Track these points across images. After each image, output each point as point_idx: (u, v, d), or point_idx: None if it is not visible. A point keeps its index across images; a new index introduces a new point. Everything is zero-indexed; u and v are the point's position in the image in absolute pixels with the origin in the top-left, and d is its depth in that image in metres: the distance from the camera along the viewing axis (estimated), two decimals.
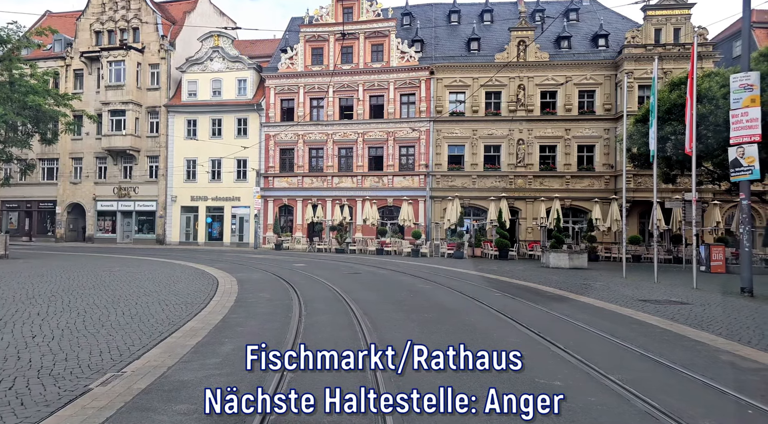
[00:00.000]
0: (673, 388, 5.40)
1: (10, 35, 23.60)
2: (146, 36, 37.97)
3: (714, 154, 19.51)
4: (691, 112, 15.00)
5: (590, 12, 34.75)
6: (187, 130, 36.73)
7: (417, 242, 29.45)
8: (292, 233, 34.40)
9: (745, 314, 10.35)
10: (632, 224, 29.61)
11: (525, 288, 14.35)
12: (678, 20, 29.52)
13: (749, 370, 6.28)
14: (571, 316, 9.64)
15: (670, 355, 6.73)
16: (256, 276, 16.17)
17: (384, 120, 33.58)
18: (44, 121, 25.61)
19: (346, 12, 34.65)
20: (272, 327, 8.28)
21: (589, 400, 4.91)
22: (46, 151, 36.46)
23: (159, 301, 10.54)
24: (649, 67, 27.57)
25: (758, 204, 27.59)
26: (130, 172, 38.13)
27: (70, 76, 38.98)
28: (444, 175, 32.37)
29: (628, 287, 14.94)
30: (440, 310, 10.24)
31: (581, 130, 31.24)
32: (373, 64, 33.88)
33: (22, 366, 5.77)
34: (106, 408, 4.54)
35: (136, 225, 38.43)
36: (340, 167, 34.41)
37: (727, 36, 34.95)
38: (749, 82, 12.67)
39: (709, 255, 20.80)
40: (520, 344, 7.13)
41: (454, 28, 36.07)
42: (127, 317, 8.77)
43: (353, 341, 7.24)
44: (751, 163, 12.70)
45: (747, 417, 4.70)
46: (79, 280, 14.11)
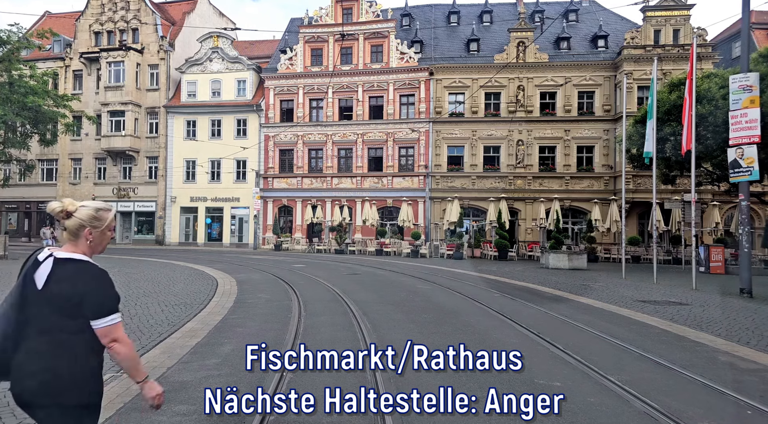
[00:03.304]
0: (673, 388, 5.40)
1: (10, 36, 23.61)
2: (145, 37, 37.98)
3: (713, 155, 19.54)
4: (690, 113, 15.01)
5: (589, 13, 34.79)
6: (186, 130, 36.74)
7: (416, 242, 29.45)
8: (291, 233, 34.40)
9: (744, 314, 10.36)
10: (631, 224, 29.63)
11: (524, 289, 14.35)
12: (677, 21, 29.56)
13: (748, 370, 6.29)
14: (571, 317, 9.64)
15: (670, 355, 6.74)
16: (255, 277, 16.17)
17: (383, 121, 33.59)
18: (43, 122, 25.60)
19: (346, 13, 34.68)
20: (272, 328, 8.28)
21: (589, 400, 4.91)
22: (45, 152, 36.41)
23: (158, 302, 10.53)
24: (649, 68, 27.59)
25: (757, 205, 27.61)
26: (129, 172, 38.13)
27: (69, 76, 38.98)
28: (443, 176, 32.37)
29: (628, 287, 14.95)
30: (440, 311, 10.24)
31: (581, 131, 31.27)
32: (373, 65, 33.90)
33: None
34: (106, 409, 4.53)
35: (136, 226, 38.43)
36: (339, 168, 34.42)
37: (727, 37, 35.00)
38: (748, 83, 12.69)
39: (708, 256, 20.81)
40: (520, 344, 7.13)
41: (453, 29, 36.10)
42: (126, 317, 8.76)
43: (353, 341, 7.24)
44: (751, 164, 12.71)
45: (746, 418, 4.70)
46: None
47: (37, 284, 2.26)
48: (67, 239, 2.38)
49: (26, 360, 2.23)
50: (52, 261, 2.29)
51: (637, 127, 22.00)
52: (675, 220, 26.49)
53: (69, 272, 2.28)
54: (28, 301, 2.26)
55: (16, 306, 2.27)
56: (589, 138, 31.20)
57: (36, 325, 2.26)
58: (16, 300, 2.28)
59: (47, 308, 2.25)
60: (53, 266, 2.28)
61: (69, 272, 2.28)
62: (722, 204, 28.01)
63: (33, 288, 2.27)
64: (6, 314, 2.28)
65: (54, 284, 2.25)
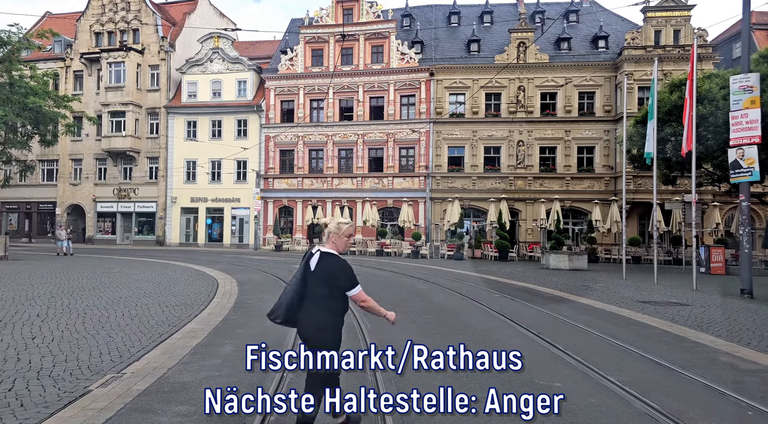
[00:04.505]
0: (673, 389, 5.40)
1: (11, 37, 23.62)
2: (146, 37, 38.00)
3: (714, 155, 19.52)
4: (691, 113, 15.00)
5: (590, 13, 34.80)
6: (187, 131, 36.75)
7: (417, 243, 29.45)
8: (292, 234, 34.40)
9: (744, 315, 10.36)
10: (632, 225, 29.63)
11: (525, 289, 14.35)
12: (678, 22, 29.56)
13: (749, 371, 6.28)
14: (571, 317, 9.63)
15: (670, 356, 6.73)
16: (256, 277, 16.17)
17: (384, 121, 33.60)
18: (44, 123, 25.59)
19: (346, 13, 34.69)
20: (272, 328, 8.23)
21: (590, 401, 4.91)
22: (45, 152, 36.45)
23: (159, 302, 10.54)
24: (649, 69, 27.59)
25: (758, 206, 27.61)
26: (129, 173, 38.14)
27: (69, 77, 38.99)
28: (444, 177, 32.37)
29: (628, 288, 14.94)
30: (440, 311, 10.24)
31: (581, 132, 31.26)
32: (373, 66, 33.91)
33: (21, 367, 5.76)
34: (106, 410, 4.54)
35: (136, 226, 38.44)
36: (340, 168, 34.42)
37: (727, 37, 34.99)
38: (749, 84, 12.68)
39: (708, 256, 20.80)
40: (521, 345, 7.13)
41: (454, 29, 36.11)
42: (126, 318, 8.76)
43: (353, 341, 7.24)
44: (751, 165, 12.71)
45: (747, 418, 4.69)
46: (78, 281, 14.11)
47: (311, 267, 3.76)
48: (326, 241, 3.88)
49: (304, 315, 3.75)
50: (319, 254, 3.78)
51: (638, 127, 22.00)
52: (675, 220, 26.50)
53: (327, 261, 3.74)
54: (306, 278, 3.77)
55: (301, 281, 3.78)
56: (590, 139, 31.20)
57: (310, 293, 3.74)
58: (300, 277, 3.79)
59: (316, 283, 3.73)
60: (319, 257, 3.77)
61: (327, 261, 3.74)
62: (723, 205, 28.01)
63: (309, 270, 3.77)
64: (295, 286, 3.79)
65: (319, 268, 3.73)
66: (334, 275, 3.69)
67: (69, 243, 26.36)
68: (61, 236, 26.28)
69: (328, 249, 3.81)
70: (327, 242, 3.86)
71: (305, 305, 3.74)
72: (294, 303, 3.77)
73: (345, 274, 3.71)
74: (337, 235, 3.85)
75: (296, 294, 3.75)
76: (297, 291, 3.75)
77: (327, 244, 3.85)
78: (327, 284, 3.69)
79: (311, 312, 3.71)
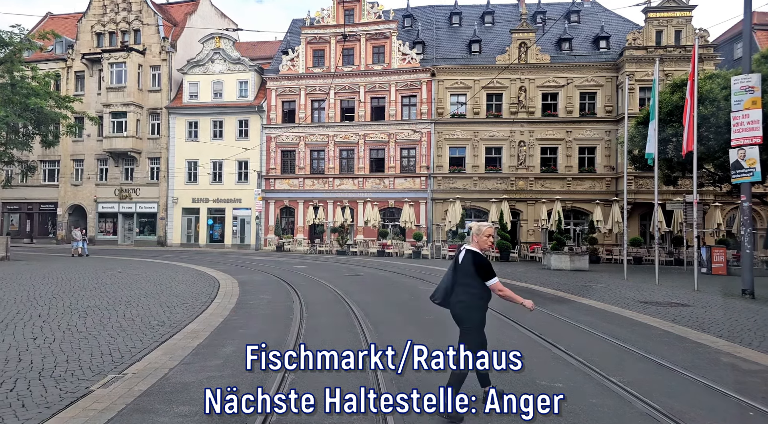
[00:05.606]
0: (674, 390, 5.39)
1: (12, 38, 23.65)
2: (147, 38, 38.04)
3: (715, 155, 19.49)
4: (692, 114, 14.98)
5: (591, 14, 34.78)
6: (188, 131, 36.78)
7: (418, 243, 29.45)
8: (293, 234, 34.39)
9: (746, 316, 10.34)
10: (633, 225, 29.59)
11: (526, 290, 14.33)
12: (679, 22, 29.53)
13: (750, 372, 6.28)
14: (573, 318, 9.63)
15: (672, 357, 6.73)
16: (257, 278, 16.18)
17: (385, 122, 33.60)
18: (45, 123, 25.64)
19: (347, 14, 34.70)
20: (274, 329, 8.29)
21: (591, 401, 4.91)
22: (47, 153, 36.50)
23: (160, 303, 10.55)
24: (650, 69, 27.56)
25: (759, 206, 27.55)
26: (131, 173, 38.18)
27: (71, 77, 39.03)
28: (445, 177, 32.37)
29: (630, 288, 14.92)
30: (441, 311, 10.19)
31: (582, 132, 31.24)
32: (374, 66, 33.92)
33: (23, 368, 5.77)
34: (107, 410, 4.55)
35: (138, 227, 38.47)
36: (341, 169, 34.42)
37: (729, 38, 34.93)
38: (750, 84, 12.67)
39: (710, 257, 20.77)
40: (522, 345, 7.12)
41: (455, 29, 36.11)
42: (128, 318, 8.77)
43: (354, 341, 7.24)
44: (752, 165, 12.69)
45: (748, 419, 4.69)
46: (80, 282, 14.12)
47: (459, 262, 4.74)
48: (470, 240, 4.83)
49: (455, 299, 4.71)
50: (464, 251, 4.76)
51: (639, 128, 21.96)
52: (677, 221, 26.45)
53: (470, 256, 4.69)
54: (456, 269, 4.73)
55: (452, 271, 4.76)
56: (591, 139, 31.18)
57: (458, 281, 4.70)
58: (452, 268, 4.77)
59: (462, 274, 4.68)
60: (465, 253, 4.74)
61: (470, 256, 4.69)
62: (724, 205, 27.95)
63: (457, 263, 4.74)
64: (449, 276, 4.77)
65: (464, 262, 4.70)
66: (474, 268, 4.61)
67: (85, 244, 26.49)
68: (77, 236, 26.34)
69: (472, 247, 4.75)
70: (471, 242, 4.80)
71: (456, 290, 4.70)
72: (448, 289, 4.75)
73: (483, 268, 4.62)
74: (478, 235, 4.79)
75: (450, 282, 4.74)
76: (450, 279, 4.75)
77: (471, 243, 4.79)
78: (469, 275, 4.62)
79: (459, 296, 4.67)
